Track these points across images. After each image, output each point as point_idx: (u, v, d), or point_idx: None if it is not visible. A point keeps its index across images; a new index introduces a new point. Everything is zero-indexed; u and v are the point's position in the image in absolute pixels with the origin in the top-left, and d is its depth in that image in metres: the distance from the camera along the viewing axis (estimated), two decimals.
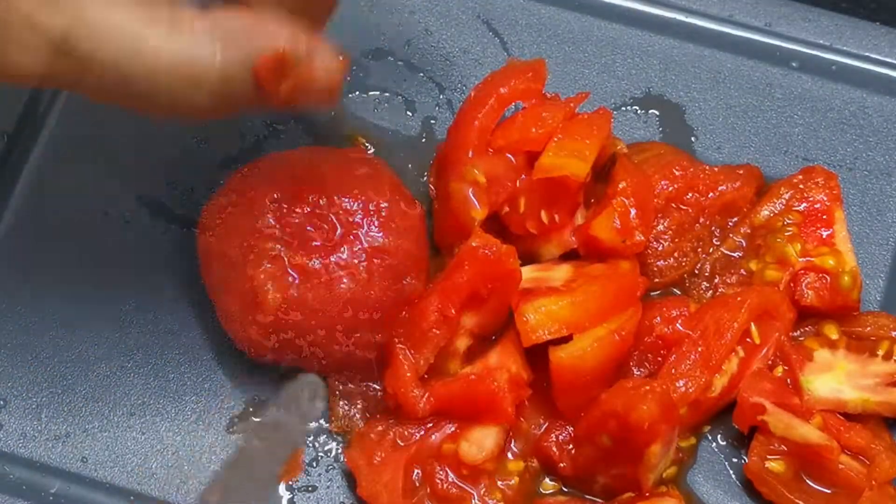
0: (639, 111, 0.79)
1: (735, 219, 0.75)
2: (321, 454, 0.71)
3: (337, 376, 0.71)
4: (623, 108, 0.79)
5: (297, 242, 0.68)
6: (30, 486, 0.69)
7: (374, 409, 0.70)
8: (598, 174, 0.73)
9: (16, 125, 0.77)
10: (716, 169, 0.75)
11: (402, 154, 0.77)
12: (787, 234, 0.73)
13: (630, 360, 0.71)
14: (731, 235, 0.74)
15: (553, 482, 0.70)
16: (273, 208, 0.68)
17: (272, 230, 0.68)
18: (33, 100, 0.77)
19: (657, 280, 0.74)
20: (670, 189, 0.74)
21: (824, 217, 0.74)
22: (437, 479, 0.68)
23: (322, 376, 0.71)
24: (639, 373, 0.71)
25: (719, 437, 0.72)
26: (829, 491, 0.69)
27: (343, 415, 0.70)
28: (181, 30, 0.57)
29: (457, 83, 0.80)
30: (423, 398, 0.67)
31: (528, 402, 0.70)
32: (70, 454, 0.70)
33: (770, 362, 0.71)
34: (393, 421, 0.69)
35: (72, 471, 0.70)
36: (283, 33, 0.59)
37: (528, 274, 0.70)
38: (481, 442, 0.68)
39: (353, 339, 0.68)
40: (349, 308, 0.68)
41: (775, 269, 0.73)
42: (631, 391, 0.66)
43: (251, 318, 0.68)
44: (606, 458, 0.68)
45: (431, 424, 0.69)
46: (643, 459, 0.66)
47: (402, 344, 0.68)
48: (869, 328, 0.72)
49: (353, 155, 0.72)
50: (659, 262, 0.74)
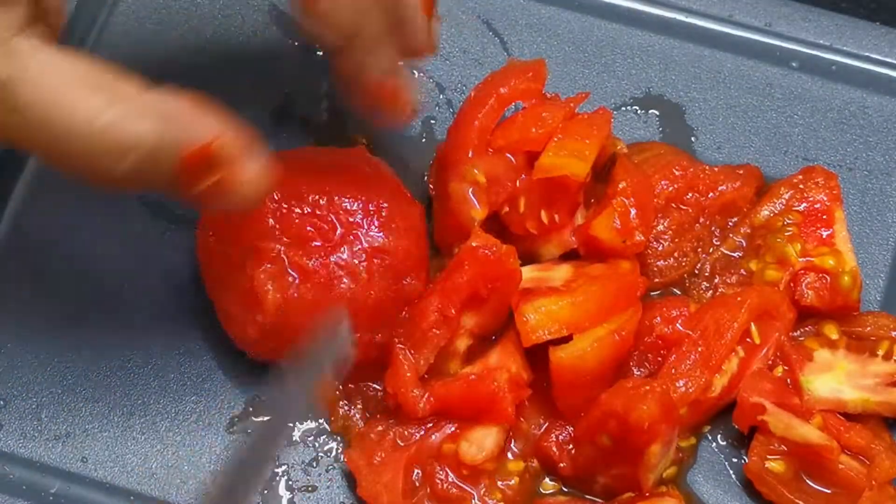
0: (639, 111, 0.79)
1: (735, 219, 0.75)
2: (321, 454, 0.70)
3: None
4: (623, 108, 0.79)
5: (297, 242, 0.68)
6: (30, 486, 0.69)
7: (375, 409, 0.70)
8: (598, 174, 0.73)
9: None
10: (716, 169, 0.75)
11: (402, 154, 0.77)
12: (787, 234, 0.73)
13: (630, 360, 0.71)
14: (731, 235, 0.74)
15: (553, 482, 0.70)
16: (273, 208, 0.68)
17: (272, 230, 0.68)
18: None
19: (657, 280, 0.74)
20: (670, 189, 0.74)
21: (824, 217, 0.74)
22: (437, 479, 0.68)
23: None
24: (639, 373, 0.71)
25: (719, 437, 0.72)
26: (829, 491, 0.69)
27: (343, 415, 0.70)
28: (121, 100, 0.56)
29: (457, 83, 0.80)
30: (423, 398, 0.67)
31: (528, 402, 0.70)
32: (70, 454, 0.70)
33: (770, 362, 0.71)
34: (393, 421, 0.69)
35: (72, 471, 0.70)
36: (220, 129, 0.58)
37: (528, 274, 0.70)
38: (481, 442, 0.68)
39: (352, 339, 0.68)
40: (349, 308, 0.68)
41: (775, 269, 0.73)
42: (631, 391, 0.66)
43: (251, 318, 0.68)
44: (606, 458, 0.68)
45: (431, 424, 0.68)
46: (643, 459, 0.66)
47: (402, 344, 0.68)
48: (869, 328, 0.72)
49: (354, 155, 0.72)
50: (659, 262, 0.74)
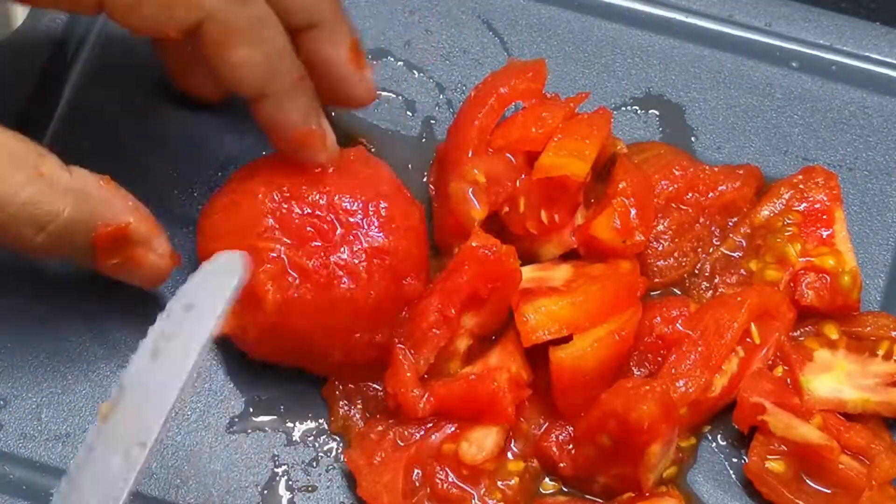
0: (639, 111, 0.79)
1: (735, 219, 0.75)
2: (321, 454, 0.70)
3: (337, 376, 0.71)
4: (623, 108, 0.79)
5: (296, 242, 0.68)
6: (30, 486, 0.69)
7: (375, 409, 0.70)
8: (598, 174, 0.73)
9: (17, 127, 0.77)
10: (716, 169, 0.75)
11: (402, 154, 0.77)
12: (787, 234, 0.73)
13: (630, 360, 0.71)
14: (731, 235, 0.74)
15: (553, 482, 0.70)
16: (272, 208, 0.68)
17: (272, 230, 0.68)
18: (34, 101, 0.77)
19: (657, 280, 0.74)
20: (670, 189, 0.74)
21: (824, 217, 0.74)
22: (437, 479, 0.68)
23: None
24: (639, 373, 0.71)
25: (719, 437, 0.72)
26: (829, 491, 0.69)
27: (343, 415, 0.70)
28: (41, 177, 0.62)
29: (457, 83, 0.80)
30: (423, 398, 0.67)
31: (528, 402, 0.70)
32: (70, 454, 0.70)
33: (770, 362, 0.71)
34: (393, 421, 0.69)
35: None
36: (132, 212, 0.65)
37: (528, 274, 0.70)
38: (481, 442, 0.68)
39: (353, 339, 0.68)
40: (349, 308, 0.68)
41: (775, 269, 0.73)
42: (631, 391, 0.66)
43: (251, 318, 0.68)
44: (606, 458, 0.68)
45: (431, 425, 0.68)
46: (643, 459, 0.66)
47: (401, 344, 0.68)
48: (869, 328, 0.72)
49: (353, 155, 0.72)
50: (659, 262, 0.74)
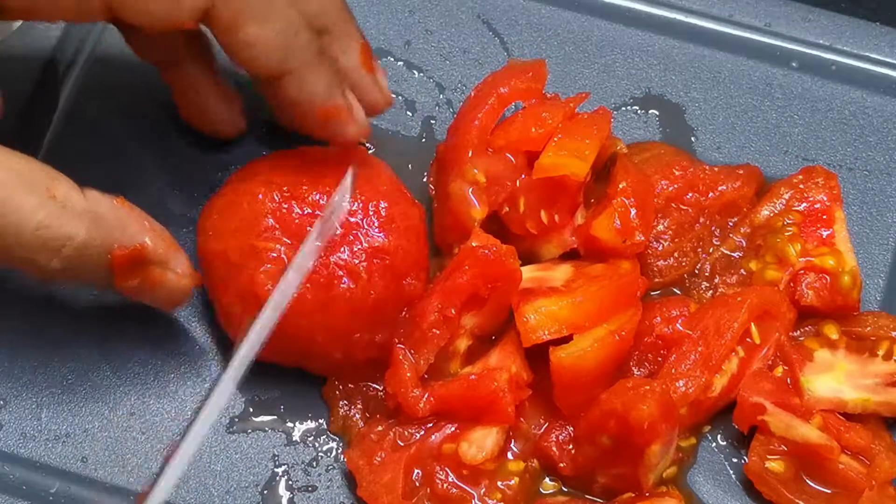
0: (639, 111, 0.79)
1: (735, 219, 0.75)
2: (321, 454, 0.70)
3: (337, 376, 0.71)
4: (623, 108, 0.79)
5: (296, 242, 0.68)
6: (30, 486, 0.69)
7: (375, 410, 0.70)
8: (598, 174, 0.73)
9: (19, 128, 0.77)
10: (716, 169, 0.75)
11: (402, 154, 0.77)
12: (787, 234, 0.73)
13: (630, 360, 0.71)
14: (731, 235, 0.74)
15: (553, 482, 0.70)
16: (272, 208, 0.68)
17: (272, 230, 0.68)
18: (33, 102, 0.77)
19: (657, 280, 0.74)
20: (670, 189, 0.74)
21: (824, 217, 0.74)
22: (437, 479, 0.68)
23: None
24: (639, 373, 0.71)
25: (719, 437, 0.72)
26: (829, 491, 0.69)
27: (343, 414, 0.70)
28: (55, 200, 0.61)
29: (457, 83, 0.80)
30: (423, 399, 0.67)
31: (528, 402, 0.70)
32: (70, 454, 0.70)
33: (770, 362, 0.71)
34: (393, 421, 0.69)
35: (72, 471, 0.69)
36: (148, 232, 0.64)
37: (528, 274, 0.70)
38: (481, 442, 0.68)
39: (353, 339, 0.68)
40: (349, 308, 0.68)
41: (775, 269, 0.73)
42: (631, 391, 0.66)
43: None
44: (606, 458, 0.68)
45: (432, 425, 0.68)
46: (643, 459, 0.66)
47: (402, 344, 0.68)
48: (869, 328, 0.72)
49: (354, 155, 0.72)
50: (659, 262, 0.74)
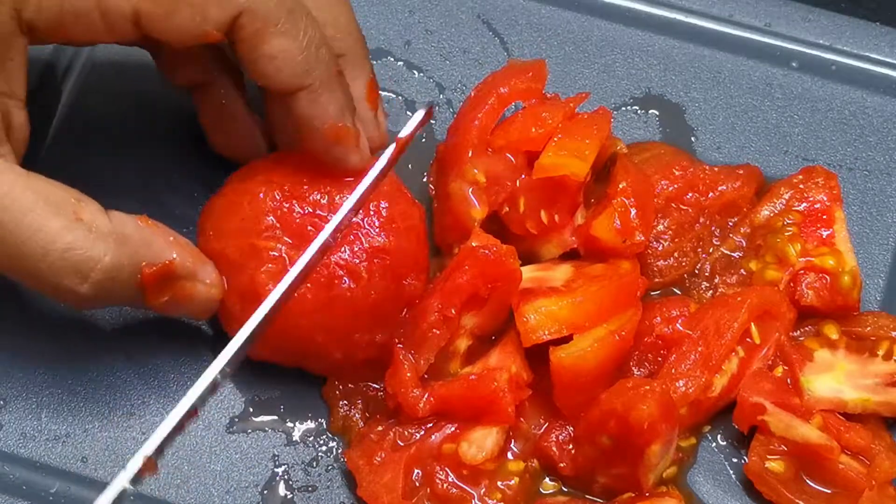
0: (639, 111, 0.79)
1: (735, 219, 0.75)
2: (321, 454, 0.70)
3: (337, 376, 0.71)
4: (623, 108, 0.79)
5: (297, 242, 0.68)
6: (30, 486, 0.69)
7: (375, 410, 0.70)
8: (598, 174, 0.73)
9: None
10: (716, 169, 0.75)
11: (402, 154, 0.77)
12: (787, 234, 0.73)
13: (630, 360, 0.71)
14: (731, 235, 0.74)
15: (553, 482, 0.70)
16: (273, 207, 0.68)
17: (273, 229, 0.68)
18: (32, 108, 0.77)
19: (657, 280, 0.74)
20: (670, 189, 0.74)
21: (824, 217, 0.74)
22: (437, 479, 0.68)
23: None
24: (639, 373, 0.71)
25: (719, 437, 0.72)
26: (829, 491, 0.69)
27: (343, 415, 0.70)
28: (82, 222, 0.62)
29: (457, 83, 0.80)
30: (423, 399, 0.67)
31: (528, 402, 0.70)
32: (70, 454, 0.70)
33: (770, 362, 0.71)
34: (393, 421, 0.69)
35: (72, 471, 0.69)
36: (175, 247, 0.65)
37: (528, 274, 0.70)
38: (481, 442, 0.68)
39: (353, 339, 0.68)
40: (349, 308, 0.68)
41: (775, 269, 0.73)
42: (631, 391, 0.66)
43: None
44: (606, 458, 0.68)
45: (432, 425, 0.68)
46: (643, 459, 0.66)
47: (401, 344, 0.68)
48: (869, 328, 0.72)
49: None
50: (659, 262, 0.74)
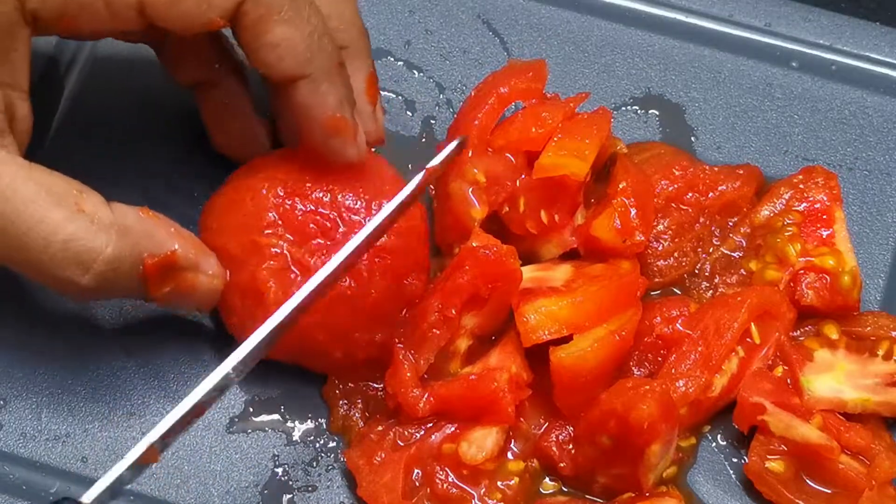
0: (639, 111, 0.79)
1: (735, 219, 0.75)
2: (321, 454, 0.70)
3: (337, 375, 0.71)
4: (623, 108, 0.79)
5: (299, 239, 0.68)
6: (30, 486, 0.69)
7: (375, 410, 0.70)
8: (598, 174, 0.73)
9: None
10: (716, 169, 0.75)
11: (402, 154, 0.77)
12: (787, 234, 0.73)
13: (630, 360, 0.71)
14: (731, 235, 0.74)
15: (553, 482, 0.70)
16: (275, 204, 0.68)
17: (275, 226, 0.68)
18: (34, 105, 0.77)
19: (657, 280, 0.74)
20: (670, 189, 0.74)
21: (824, 217, 0.74)
22: (437, 479, 0.68)
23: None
24: (639, 373, 0.71)
25: (719, 437, 0.72)
26: (829, 491, 0.69)
27: (343, 414, 0.70)
28: (84, 213, 0.62)
29: (457, 83, 0.80)
30: (423, 399, 0.67)
31: (528, 402, 0.70)
32: (70, 454, 0.70)
33: (770, 362, 0.71)
34: (393, 421, 0.69)
35: (72, 471, 0.69)
36: (177, 238, 0.65)
37: (528, 274, 0.70)
38: (481, 442, 0.68)
39: (353, 338, 0.68)
40: (349, 307, 0.68)
41: (775, 269, 0.73)
42: (631, 391, 0.66)
43: (252, 314, 0.67)
44: (606, 458, 0.68)
45: (432, 425, 0.68)
46: (643, 459, 0.66)
47: (402, 344, 0.68)
48: (869, 328, 0.72)
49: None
50: (659, 262, 0.74)
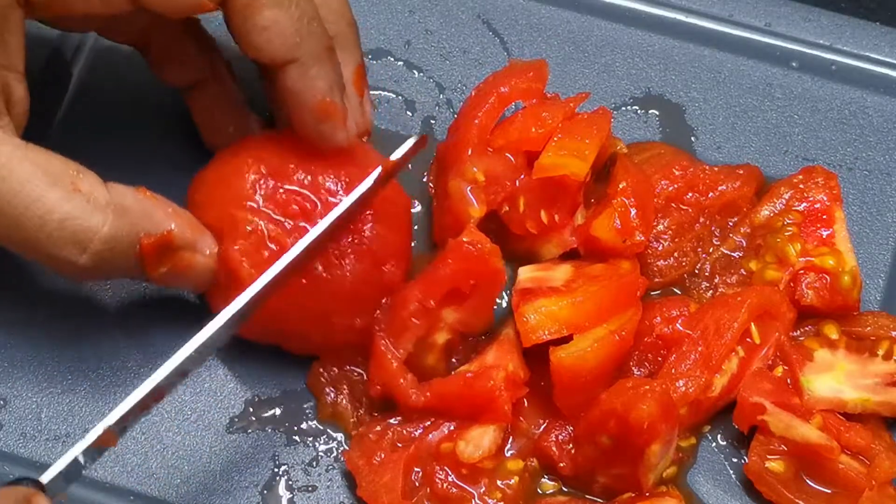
0: (639, 111, 0.79)
1: (735, 219, 0.75)
2: (321, 454, 0.70)
3: (322, 361, 0.70)
4: (623, 108, 0.79)
5: (277, 217, 0.67)
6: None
7: (360, 394, 0.70)
8: (598, 174, 0.73)
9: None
10: (716, 169, 0.75)
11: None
12: (787, 233, 0.73)
13: (630, 360, 0.71)
14: (731, 235, 0.74)
15: (553, 482, 0.70)
16: (256, 181, 0.68)
17: (254, 202, 0.67)
18: (36, 100, 0.77)
19: (657, 280, 0.74)
20: (670, 189, 0.74)
21: (824, 217, 0.74)
22: (436, 479, 0.68)
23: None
24: (639, 373, 0.71)
25: (719, 437, 0.72)
26: (829, 491, 0.69)
27: (331, 401, 0.70)
28: (80, 193, 0.62)
29: (457, 83, 0.80)
30: (414, 388, 0.67)
31: (527, 401, 0.70)
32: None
33: (770, 362, 0.71)
34: (392, 421, 0.69)
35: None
36: (173, 218, 0.65)
37: (528, 274, 0.70)
38: (478, 441, 0.68)
39: (331, 322, 0.68)
40: (325, 290, 0.67)
41: (775, 269, 0.73)
42: (631, 391, 0.66)
43: (227, 292, 0.67)
44: (606, 458, 0.68)
45: (430, 423, 0.69)
46: (643, 459, 0.66)
47: (381, 332, 0.68)
48: (869, 328, 0.72)
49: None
50: (659, 262, 0.74)
